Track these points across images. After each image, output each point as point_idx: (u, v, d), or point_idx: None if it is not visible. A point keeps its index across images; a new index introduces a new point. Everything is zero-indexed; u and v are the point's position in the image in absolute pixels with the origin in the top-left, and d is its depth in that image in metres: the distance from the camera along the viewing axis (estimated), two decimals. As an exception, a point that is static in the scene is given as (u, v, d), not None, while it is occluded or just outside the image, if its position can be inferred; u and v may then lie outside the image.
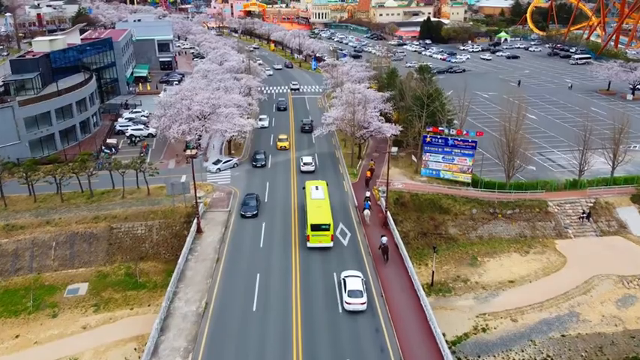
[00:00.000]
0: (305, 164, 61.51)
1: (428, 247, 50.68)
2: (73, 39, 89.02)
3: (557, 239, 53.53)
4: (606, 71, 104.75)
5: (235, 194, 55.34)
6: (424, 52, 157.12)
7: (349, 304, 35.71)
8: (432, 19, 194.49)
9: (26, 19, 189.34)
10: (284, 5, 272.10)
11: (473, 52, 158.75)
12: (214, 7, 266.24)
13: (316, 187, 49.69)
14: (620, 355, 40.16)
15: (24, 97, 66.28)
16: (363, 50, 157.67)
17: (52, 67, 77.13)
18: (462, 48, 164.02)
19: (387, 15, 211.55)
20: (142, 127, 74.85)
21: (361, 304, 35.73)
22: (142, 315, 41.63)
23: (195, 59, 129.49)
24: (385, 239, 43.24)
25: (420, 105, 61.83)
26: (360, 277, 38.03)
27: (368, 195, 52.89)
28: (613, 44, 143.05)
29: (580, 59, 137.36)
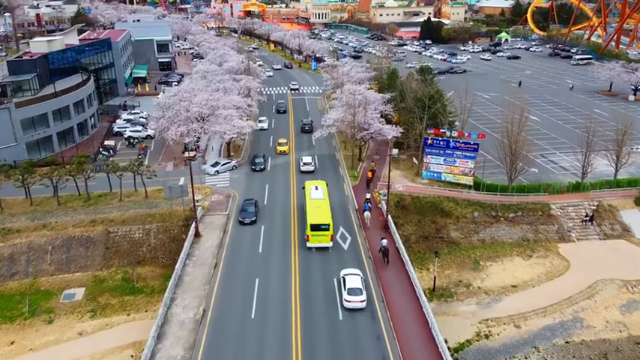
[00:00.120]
0: (305, 164, 61.31)
1: (429, 250, 50.05)
2: (71, 39, 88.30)
3: (560, 243, 52.89)
4: (608, 72, 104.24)
5: (234, 197, 54.66)
6: (424, 53, 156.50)
7: (349, 301, 35.78)
8: (432, 19, 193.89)
9: (25, 19, 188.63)
10: (284, 5, 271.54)
11: (473, 52, 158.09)
12: (214, 7, 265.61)
13: (316, 187, 49.50)
14: (625, 362, 39.55)
15: (21, 99, 65.64)
16: (362, 51, 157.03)
17: (50, 68, 76.47)
18: (462, 48, 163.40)
19: (388, 15, 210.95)
20: (141, 128, 74.15)
21: (361, 301, 35.80)
22: (139, 321, 40.93)
23: (195, 60, 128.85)
24: (385, 242, 42.80)
25: (421, 107, 61.17)
26: (360, 275, 38.02)
27: (368, 197, 52.27)
28: (614, 45, 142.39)
29: (581, 60, 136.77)
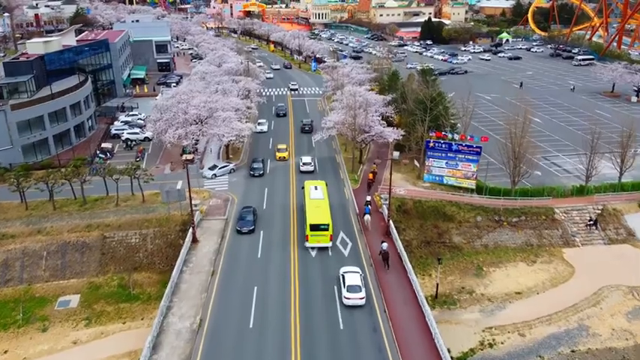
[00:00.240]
0: (304, 164, 61.12)
1: (431, 256, 49.15)
2: (68, 40, 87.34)
3: (564, 248, 51.98)
4: (610, 73, 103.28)
5: (233, 201, 53.75)
6: (425, 53, 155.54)
7: (348, 299, 36.10)
8: (432, 19, 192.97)
9: (24, 19, 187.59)
10: (284, 5, 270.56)
11: (474, 52, 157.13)
12: (214, 8, 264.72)
13: (315, 187, 49.32)
14: (632, 372, 38.67)
15: (17, 101, 64.75)
16: (362, 51, 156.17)
17: (47, 70, 75.54)
18: (463, 49, 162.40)
19: (388, 15, 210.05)
20: (139, 130, 73.23)
21: (360, 298, 36.09)
22: (135, 329, 40.02)
23: (194, 60, 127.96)
24: (386, 245, 42.26)
25: (423, 109, 60.26)
26: (359, 272, 38.34)
27: (369, 199, 51.45)
28: (616, 45, 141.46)
29: (583, 60, 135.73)
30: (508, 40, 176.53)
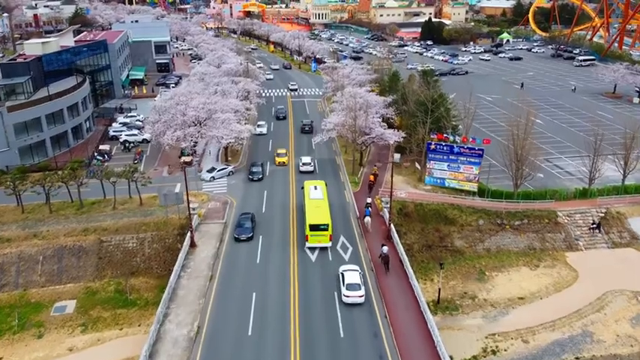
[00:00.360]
0: (304, 164, 61.08)
1: (433, 260, 48.48)
2: (66, 41, 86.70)
3: (567, 252, 51.30)
4: (612, 74, 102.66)
5: (232, 204, 53.06)
6: (425, 54, 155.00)
7: (348, 297, 36.40)
8: (433, 19, 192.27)
9: (23, 19, 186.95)
10: (284, 6, 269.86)
11: (475, 53, 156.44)
12: (213, 8, 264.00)
13: (315, 187, 49.26)
14: (637, 379, 38.01)
15: (14, 102, 64.09)
16: (362, 51, 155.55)
17: (45, 71, 74.96)
18: (463, 49, 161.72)
19: (388, 15, 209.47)
20: (137, 132, 72.54)
21: (359, 296, 36.35)
22: (132, 336, 39.29)
23: (194, 61, 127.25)
24: (386, 248, 41.84)
25: (424, 111, 59.55)
26: (358, 270, 38.68)
27: (369, 201, 50.84)
28: (617, 45, 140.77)
29: (584, 61, 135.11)
30: (509, 41, 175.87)
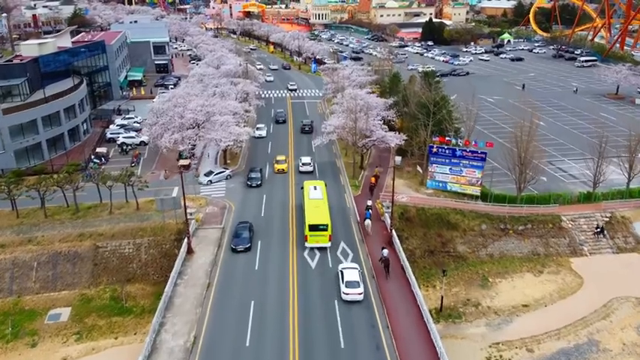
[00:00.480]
0: (303, 164, 60.97)
1: (435, 266, 47.61)
2: (63, 42, 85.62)
3: (572, 257, 50.40)
4: (615, 75, 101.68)
5: (230, 209, 52.13)
6: (426, 54, 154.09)
7: (347, 294, 36.76)
8: (433, 20, 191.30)
9: (21, 20, 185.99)
10: (283, 6, 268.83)
11: (476, 53, 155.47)
12: (213, 8, 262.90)
13: (314, 187, 49.16)
14: (645, 389, 37.10)
15: (9, 105, 63.14)
16: (362, 52, 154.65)
17: (41, 72, 73.81)
18: (464, 50, 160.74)
19: (388, 16, 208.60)
20: (134, 134, 71.57)
21: (358, 294, 36.75)
22: (127, 345, 38.43)
23: (193, 62, 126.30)
24: (386, 252, 41.09)
25: (426, 113, 58.62)
26: (357, 268, 39.13)
27: (369, 204, 49.97)
28: (618, 46, 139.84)
29: (586, 62, 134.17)
30: (510, 41, 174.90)
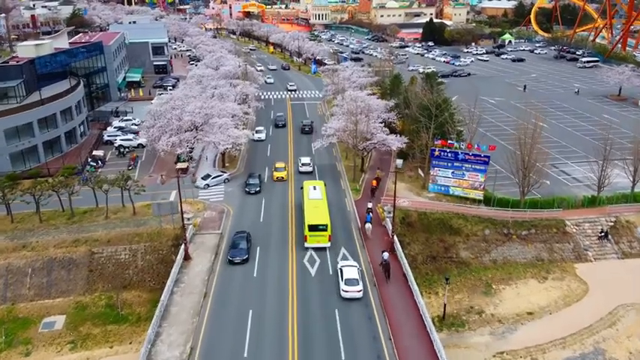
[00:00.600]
0: (303, 164, 60.84)
1: (437, 272, 46.70)
2: (60, 43, 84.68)
3: (576, 263, 49.48)
4: (618, 76, 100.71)
5: (228, 213, 51.19)
6: (427, 55, 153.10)
7: (346, 292, 36.95)
8: (434, 20, 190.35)
9: (20, 20, 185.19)
10: (283, 6, 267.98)
11: (477, 54, 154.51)
12: (212, 8, 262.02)
13: (314, 187, 49.03)
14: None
15: (5, 107, 62.24)
16: (362, 52, 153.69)
17: (38, 74, 72.91)
18: (465, 50, 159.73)
19: (389, 16, 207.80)
20: (132, 136, 70.63)
21: (357, 291, 36.92)
22: (122, 354, 37.54)
23: (192, 62, 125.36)
24: (387, 255, 40.42)
25: (428, 115, 57.68)
26: (356, 266, 39.45)
27: (370, 206, 49.09)
28: (620, 47, 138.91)
29: (588, 62, 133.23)
30: (511, 42, 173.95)
